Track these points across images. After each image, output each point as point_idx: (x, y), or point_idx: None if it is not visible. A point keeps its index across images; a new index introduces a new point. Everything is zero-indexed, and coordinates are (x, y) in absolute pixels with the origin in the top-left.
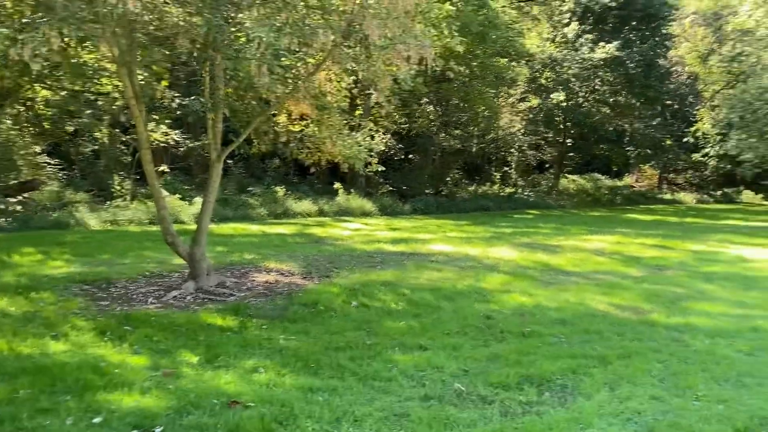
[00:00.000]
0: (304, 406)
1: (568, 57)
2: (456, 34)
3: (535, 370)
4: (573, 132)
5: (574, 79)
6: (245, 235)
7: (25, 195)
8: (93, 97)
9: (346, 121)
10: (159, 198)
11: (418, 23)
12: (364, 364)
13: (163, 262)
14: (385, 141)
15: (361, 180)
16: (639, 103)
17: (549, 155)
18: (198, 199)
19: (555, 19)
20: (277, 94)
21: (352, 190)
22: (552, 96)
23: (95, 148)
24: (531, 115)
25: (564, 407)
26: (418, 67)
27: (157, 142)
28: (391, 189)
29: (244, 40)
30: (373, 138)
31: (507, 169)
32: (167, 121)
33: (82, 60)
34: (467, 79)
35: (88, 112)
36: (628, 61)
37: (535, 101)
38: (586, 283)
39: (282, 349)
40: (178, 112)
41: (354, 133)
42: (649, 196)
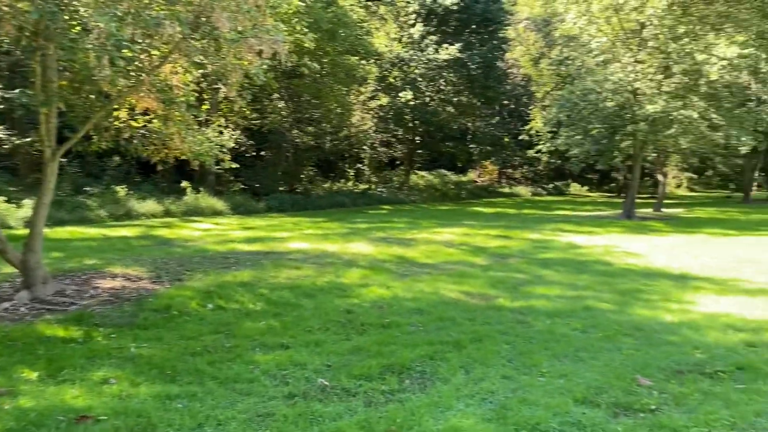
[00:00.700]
0: (162, 414)
1: (415, 57)
2: (307, 31)
3: (395, 360)
4: (421, 130)
5: (420, 79)
6: (84, 239)
7: None
8: None
9: (194, 117)
10: None
11: (270, 17)
12: (224, 368)
13: None
14: (235, 137)
15: (211, 178)
16: (480, 102)
17: (400, 152)
18: (27, 202)
19: (401, 20)
20: (119, 88)
21: (202, 189)
22: (401, 95)
23: None
24: (381, 113)
25: (424, 393)
26: (270, 62)
27: None
28: (243, 187)
29: (80, 28)
30: (222, 134)
31: (360, 165)
32: None
33: None
34: (319, 75)
35: None
36: (470, 63)
37: (384, 99)
38: (439, 274)
39: (134, 357)
40: (1, 106)
41: (203, 129)
42: (491, 190)
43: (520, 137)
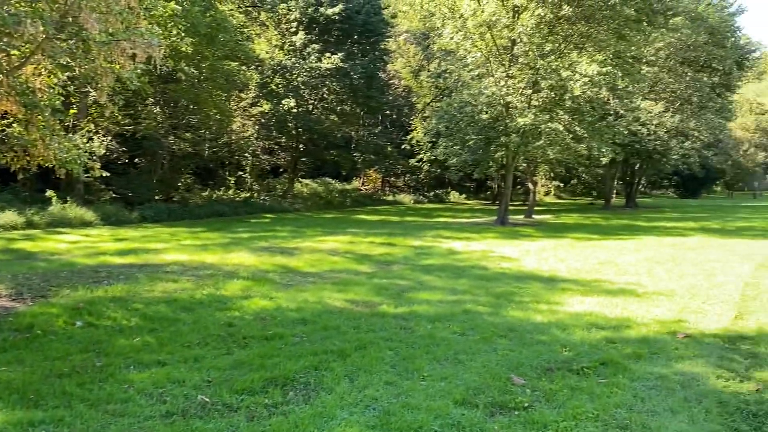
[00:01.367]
0: None
1: (297, 65)
2: (184, 35)
3: (279, 372)
4: (305, 138)
5: (303, 87)
6: None
7: None
8: None
9: (60, 122)
10: None
11: (144, 20)
12: (95, 388)
13: None
14: (106, 143)
15: (79, 187)
16: (363, 112)
17: (283, 160)
18: None
19: (283, 27)
20: None
21: (69, 198)
22: (283, 102)
23: None
24: (264, 120)
25: (308, 404)
26: (144, 66)
27: None
28: (115, 196)
29: None
30: (92, 140)
31: (242, 173)
32: None
33: None
34: (197, 80)
35: None
36: (352, 73)
37: (266, 106)
38: (323, 283)
39: None
40: None
41: (71, 135)
42: (375, 198)
43: (403, 146)
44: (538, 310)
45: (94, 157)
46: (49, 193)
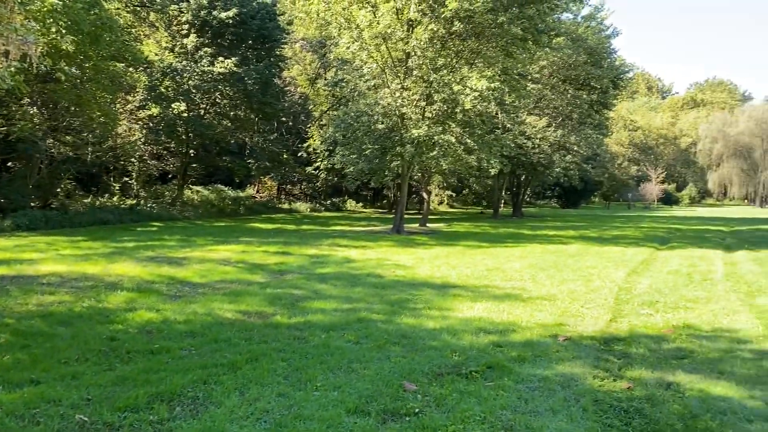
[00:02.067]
0: None
1: (189, 68)
2: (65, 32)
3: (165, 387)
4: (196, 143)
5: (195, 91)
6: None
7: None
8: None
9: None
10: None
11: (19, 15)
12: None
13: None
14: None
15: None
16: (257, 118)
17: (172, 166)
18: None
19: (173, 29)
20: None
21: None
22: (173, 106)
23: None
24: (152, 124)
25: (196, 419)
26: (19, 64)
27: None
28: None
29: None
30: None
31: (127, 179)
32: None
33: None
34: (79, 81)
35: None
36: (247, 78)
37: (155, 110)
38: (214, 293)
39: None
40: None
41: None
42: (270, 206)
43: (299, 154)
44: (431, 317)
45: None
46: None
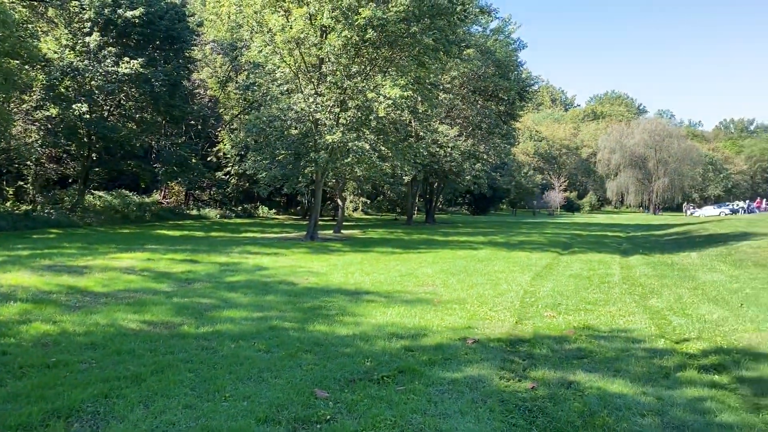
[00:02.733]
0: None
1: (91, 68)
2: None
3: (62, 403)
4: (98, 146)
5: (98, 92)
6: None
7: None
8: None
9: None
10: None
11: None
12: None
13: None
14: None
15: None
16: (165, 121)
17: (72, 169)
18: None
19: (75, 26)
20: None
21: None
22: (74, 107)
23: None
24: (50, 126)
25: None
26: None
27: None
28: None
29: None
30: None
31: (23, 183)
32: None
33: None
34: None
35: None
36: (154, 80)
37: (54, 110)
38: (117, 303)
39: None
40: None
41: None
42: (178, 212)
43: (209, 159)
44: (344, 323)
45: None
46: None
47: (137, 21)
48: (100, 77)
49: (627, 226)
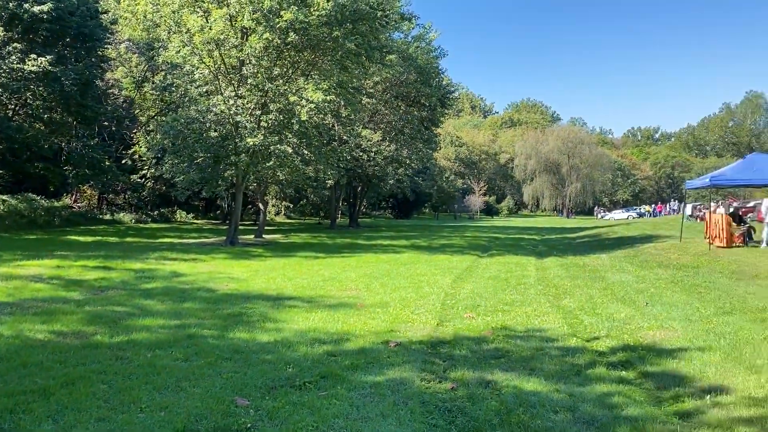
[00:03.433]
0: None
1: None
2: None
3: None
4: (2, 147)
5: (2, 90)
6: None
7: None
8: None
9: None
10: None
11: None
12: None
13: None
14: None
15: None
16: (76, 122)
17: None
18: None
19: None
20: None
21: None
22: None
23: None
24: None
25: None
26: None
27: None
28: None
29: None
30: None
31: None
32: None
33: None
34: None
35: None
36: (64, 78)
37: None
38: (24, 313)
39: None
40: None
41: None
42: (90, 217)
43: (124, 161)
44: (265, 330)
45: None
46: None
47: (45, 16)
48: (4, 75)
49: (542, 229)
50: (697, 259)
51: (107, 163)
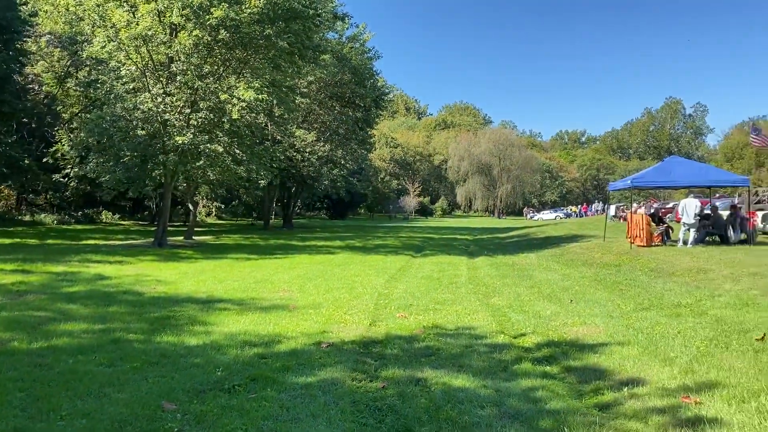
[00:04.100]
0: None
1: None
2: None
3: None
4: None
5: None
6: None
7: None
8: None
9: None
10: None
11: None
12: None
13: None
14: None
15: None
16: None
17: None
18: None
19: None
20: None
21: None
22: None
23: None
24: None
25: None
26: None
27: None
28: None
29: None
30: None
31: None
32: None
33: None
34: None
35: None
36: None
37: None
38: None
39: None
40: None
41: None
42: (7, 218)
43: (45, 160)
44: (194, 333)
45: None
46: None
47: None
48: None
49: (474, 230)
50: (619, 258)
51: (27, 161)
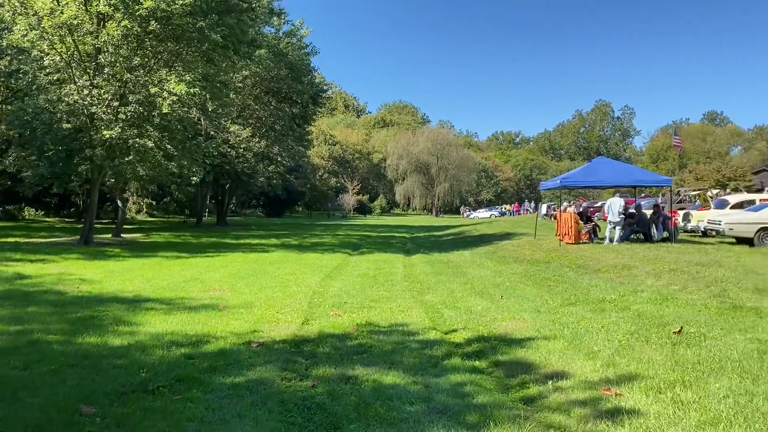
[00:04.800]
0: None
1: None
2: None
3: None
4: None
5: None
6: None
7: None
8: None
9: None
10: None
11: None
12: None
13: None
14: None
15: None
16: None
17: None
18: None
19: None
20: None
21: None
22: None
23: None
24: None
25: None
26: None
27: None
28: None
29: None
30: None
31: None
32: None
33: None
34: None
35: None
36: None
37: None
38: None
39: None
40: None
41: None
42: None
43: None
44: (118, 333)
45: None
46: None
47: None
48: None
49: (412, 228)
50: (548, 255)
51: None
